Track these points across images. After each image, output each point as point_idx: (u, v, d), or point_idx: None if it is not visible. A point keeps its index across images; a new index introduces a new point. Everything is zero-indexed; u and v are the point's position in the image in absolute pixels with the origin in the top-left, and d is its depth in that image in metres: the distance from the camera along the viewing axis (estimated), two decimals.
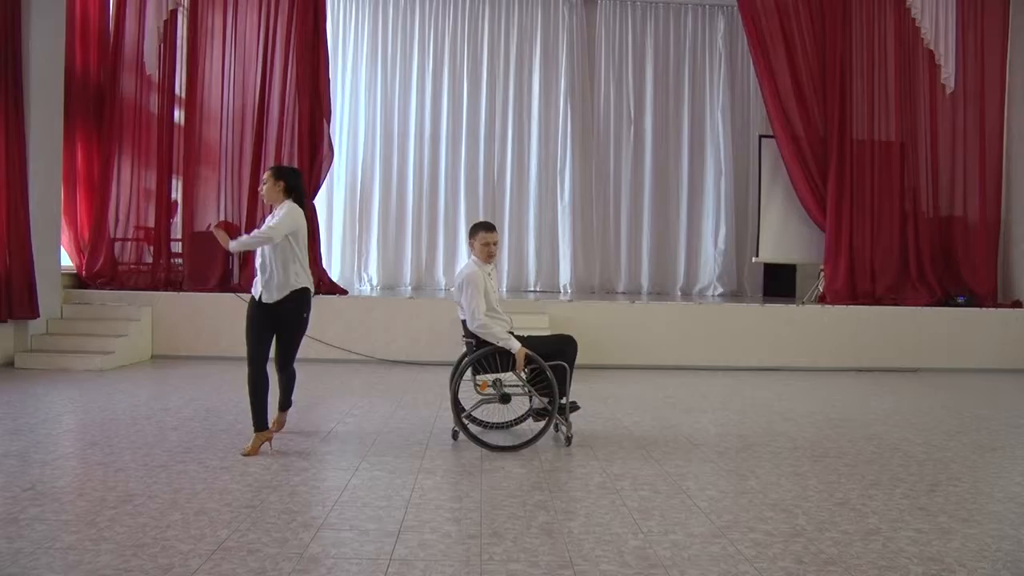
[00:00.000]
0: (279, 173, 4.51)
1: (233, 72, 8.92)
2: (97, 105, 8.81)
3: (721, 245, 10.93)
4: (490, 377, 4.55)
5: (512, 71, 10.98)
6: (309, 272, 4.54)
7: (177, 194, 8.94)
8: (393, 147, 10.91)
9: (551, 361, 4.50)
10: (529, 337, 4.67)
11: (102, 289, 8.44)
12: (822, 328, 8.59)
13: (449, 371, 4.94)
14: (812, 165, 9.26)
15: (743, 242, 10.99)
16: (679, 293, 10.93)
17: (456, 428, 4.56)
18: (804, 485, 3.98)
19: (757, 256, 9.98)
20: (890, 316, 8.70)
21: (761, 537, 3.19)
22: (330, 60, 9.26)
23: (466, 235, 4.92)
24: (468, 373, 4.54)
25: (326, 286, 8.65)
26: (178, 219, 8.95)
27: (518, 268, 10.87)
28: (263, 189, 4.51)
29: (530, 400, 4.72)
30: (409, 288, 10.64)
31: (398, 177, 10.91)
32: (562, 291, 10.75)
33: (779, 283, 10.79)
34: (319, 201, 9.40)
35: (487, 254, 4.63)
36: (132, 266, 8.80)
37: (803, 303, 9.08)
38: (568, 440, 4.64)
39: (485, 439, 4.57)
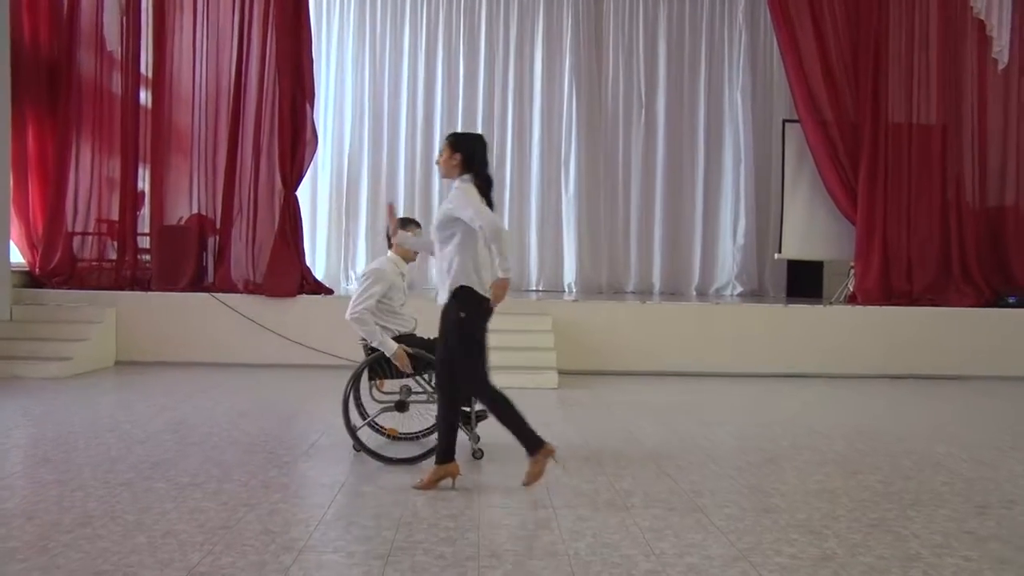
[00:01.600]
0: (457, 142, 4.06)
1: (205, 49, 8.88)
2: (51, 84, 8.74)
3: (740, 240, 10.92)
4: (396, 383, 4.63)
5: (512, 49, 10.98)
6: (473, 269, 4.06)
7: (144, 184, 8.91)
8: (383, 132, 10.90)
9: None
10: (434, 339, 4.61)
11: (59, 288, 8.42)
12: (852, 331, 8.57)
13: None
14: (842, 152, 9.23)
15: (764, 237, 10.98)
16: (694, 293, 10.93)
17: (353, 441, 4.57)
18: (834, 504, 3.96)
19: (780, 252, 9.97)
20: (930, 318, 8.66)
21: (786, 561, 3.17)
22: (313, 36, 9.21)
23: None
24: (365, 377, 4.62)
25: (310, 285, 8.64)
26: (145, 211, 8.92)
27: (519, 266, 10.86)
28: (439, 161, 4.13)
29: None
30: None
31: (388, 165, 10.90)
32: (567, 291, 10.75)
33: (804, 282, 10.77)
34: (302, 192, 9.37)
35: (413, 252, 4.78)
36: (93, 263, 8.78)
37: (831, 304, 9.06)
38: (477, 453, 4.62)
39: (386, 452, 4.56)
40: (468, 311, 3.96)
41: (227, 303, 8.32)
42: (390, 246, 4.83)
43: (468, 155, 4.04)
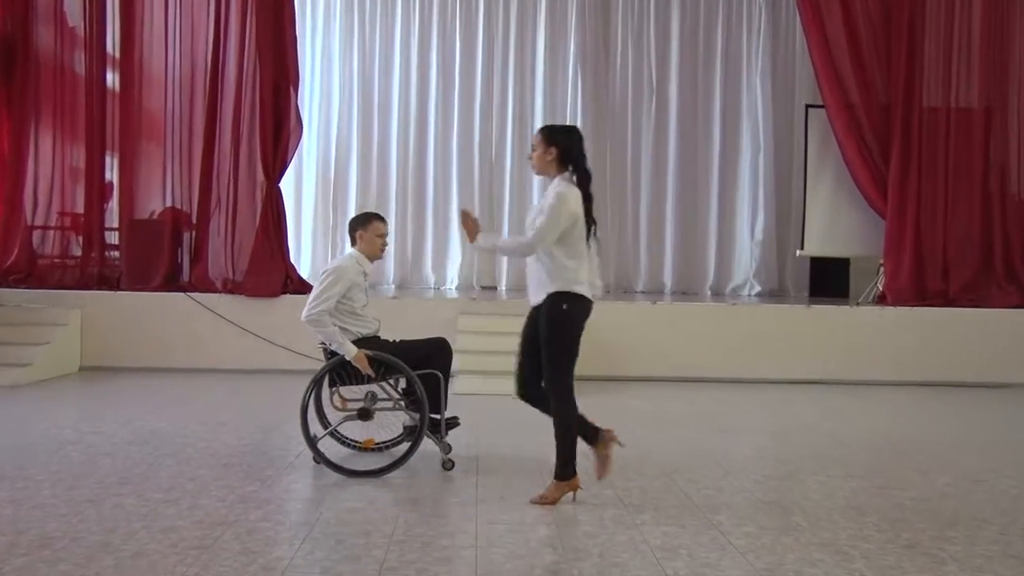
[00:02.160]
0: (551, 136, 4.13)
1: (179, 27, 8.83)
2: (5, 63, 8.67)
3: (759, 235, 10.90)
4: (359, 389, 4.66)
5: (513, 31, 10.95)
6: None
7: (112, 174, 8.88)
8: (373, 120, 10.88)
9: (420, 369, 4.58)
10: (399, 342, 4.78)
11: (17, 288, 8.38)
12: (882, 334, 8.55)
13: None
14: (871, 139, 9.19)
15: (785, 232, 10.96)
16: (709, 292, 10.90)
17: (312, 453, 4.60)
18: (862, 523, 3.94)
19: (802, 249, 9.94)
20: (968, 320, 8.61)
21: None
22: (298, 14, 9.21)
23: (344, 228, 5.05)
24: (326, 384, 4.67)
25: (294, 284, 8.63)
26: (113, 204, 8.90)
27: (520, 264, 10.82)
28: (531, 157, 4.18)
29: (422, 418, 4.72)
30: (392, 287, 10.62)
31: (379, 156, 10.88)
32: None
33: (828, 281, 10.74)
34: (286, 184, 9.34)
35: (379, 248, 4.81)
36: (56, 260, 8.74)
37: (858, 305, 9.05)
38: (448, 464, 4.65)
39: (349, 465, 4.59)
40: (563, 314, 4.07)
41: (204, 304, 8.30)
42: (353, 243, 4.85)
43: (565, 149, 4.11)
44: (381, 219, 4.88)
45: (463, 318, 8.21)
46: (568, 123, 10.68)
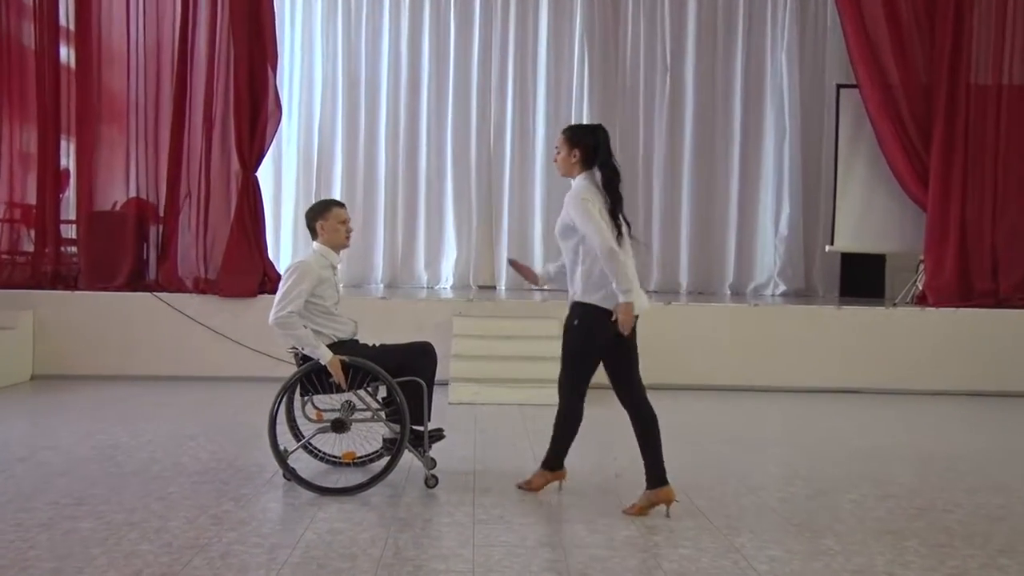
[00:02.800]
0: (574, 136, 4.42)
1: None
2: None
3: (784, 230, 10.90)
4: (334, 399, 4.66)
5: (513, 3, 10.95)
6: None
7: (68, 161, 8.86)
8: (359, 103, 10.87)
9: (401, 376, 4.58)
10: (380, 346, 4.80)
11: None
12: (922, 338, 8.55)
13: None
14: (909, 121, 9.16)
15: (813, 226, 10.96)
16: (728, 292, 10.92)
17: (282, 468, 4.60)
18: (901, 548, 3.93)
19: (832, 244, 9.94)
20: (1019, 323, 8.57)
21: None
22: None
23: (303, 220, 5.12)
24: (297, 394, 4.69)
25: (272, 283, 8.60)
26: (70, 194, 8.88)
27: (521, 259, 10.77)
28: (556, 160, 4.49)
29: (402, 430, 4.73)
30: (381, 286, 10.63)
31: (366, 142, 10.87)
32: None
33: (862, 280, 10.74)
34: (264, 172, 9.34)
35: (344, 236, 4.82)
36: (4, 256, 8.72)
37: (895, 306, 9.04)
38: (431, 481, 4.65)
39: (322, 482, 4.61)
40: (584, 325, 4.37)
41: (173, 305, 8.30)
42: (314, 235, 4.84)
43: (589, 149, 4.37)
44: (340, 204, 4.94)
45: (458, 320, 8.19)
46: (582, 112, 10.78)
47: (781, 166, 10.97)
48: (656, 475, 4.33)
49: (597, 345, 4.42)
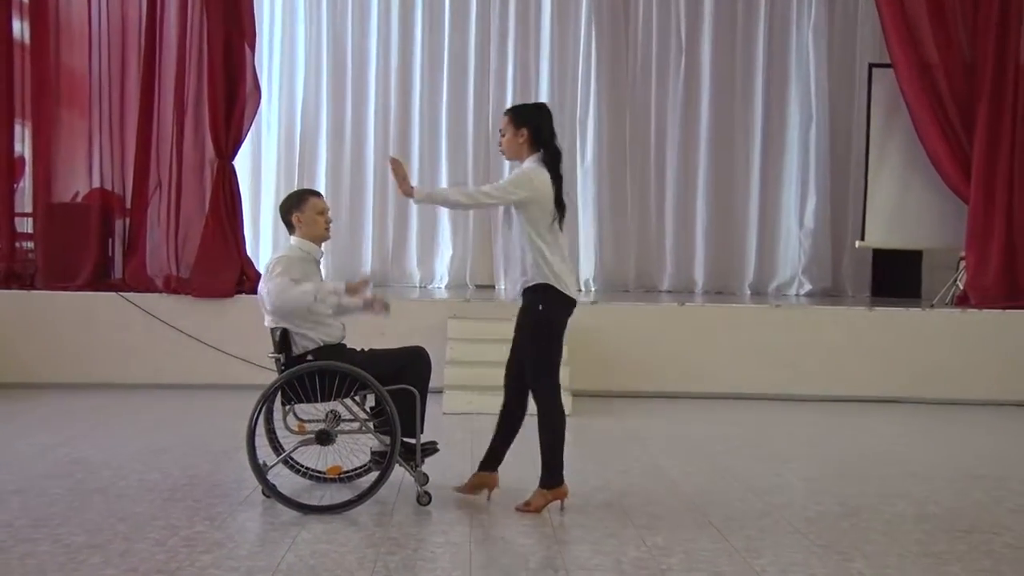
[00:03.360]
0: (518, 116, 4.63)
1: None
2: None
3: (809, 223, 10.88)
4: (318, 408, 4.68)
5: None
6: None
7: (23, 147, 8.83)
8: (346, 85, 10.85)
9: (392, 384, 4.58)
10: (369, 351, 4.84)
11: None
12: (962, 342, 8.53)
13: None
14: (950, 105, 9.12)
15: (841, 219, 10.94)
16: (748, 292, 10.89)
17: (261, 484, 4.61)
18: (941, 572, 3.92)
19: (863, 239, 9.91)
20: None
21: None
22: None
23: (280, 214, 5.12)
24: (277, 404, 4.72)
25: (251, 282, 8.59)
26: (26, 184, 8.86)
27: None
28: (501, 142, 4.66)
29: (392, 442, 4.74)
30: (370, 285, 10.58)
31: (353, 127, 10.85)
32: (583, 290, 10.71)
33: (895, 278, 10.74)
34: (242, 161, 9.34)
35: (324, 228, 4.87)
36: None
37: (933, 307, 9.02)
38: (424, 498, 4.66)
39: (305, 499, 4.62)
40: (541, 315, 4.56)
41: (141, 306, 8.28)
42: (291, 229, 4.87)
43: (535, 129, 4.58)
44: (317, 194, 4.99)
45: (454, 323, 8.18)
46: (588, 96, 10.77)
47: (807, 154, 10.94)
48: (548, 474, 4.58)
49: (562, 323, 4.64)
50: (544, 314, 4.56)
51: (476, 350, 7.75)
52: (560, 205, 4.56)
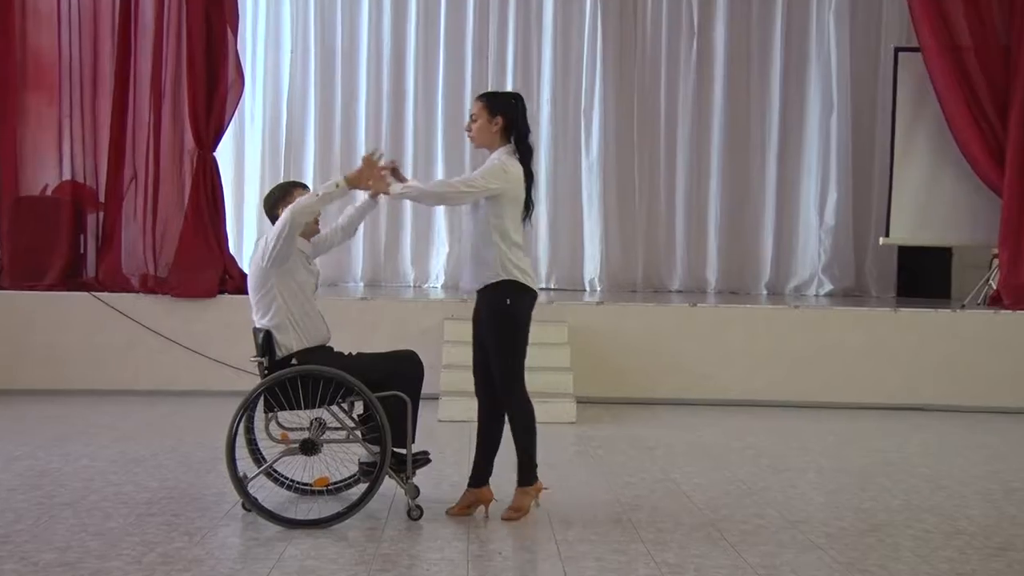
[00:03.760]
0: (493, 103, 4.72)
1: None
2: None
3: (830, 219, 10.87)
4: (302, 417, 4.69)
5: None
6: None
7: None
8: (335, 72, 10.83)
9: (382, 390, 4.60)
10: (357, 355, 4.86)
11: None
12: (995, 346, 8.51)
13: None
14: (983, 91, 9.10)
15: (864, 214, 10.94)
16: (764, 292, 10.90)
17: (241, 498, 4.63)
18: None
19: (888, 235, 9.91)
20: None
21: None
22: None
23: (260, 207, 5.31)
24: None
25: (234, 281, 8.60)
26: None
27: (526, 253, 10.79)
28: (470, 128, 4.76)
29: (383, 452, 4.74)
30: (360, 284, 10.63)
31: (343, 116, 10.85)
32: (588, 289, 10.72)
33: (923, 277, 10.75)
34: (223, 152, 9.34)
35: (314, 222, 4.90)
36: None
37: (963, 307, 9.02)
38: (415, 512, 4.68)
39: (288, 513, 4.63)
40: (508, 310, 4.67)
41: (116, 307, 8.29)
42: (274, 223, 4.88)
43: (510, 120, 4.68)
44: (303, 186, 5.07)
45: (451, 325, 8.18)
46: (594, 83, 10.75)
47: (827, 144, 10.93)
48: (527, 473, 4.75)
49: (527, 316, 4.76)
50: (511, 308, 4.66)
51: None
52: (529, 202, 4.75)
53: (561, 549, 4.28)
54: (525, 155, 4.72)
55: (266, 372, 4.69)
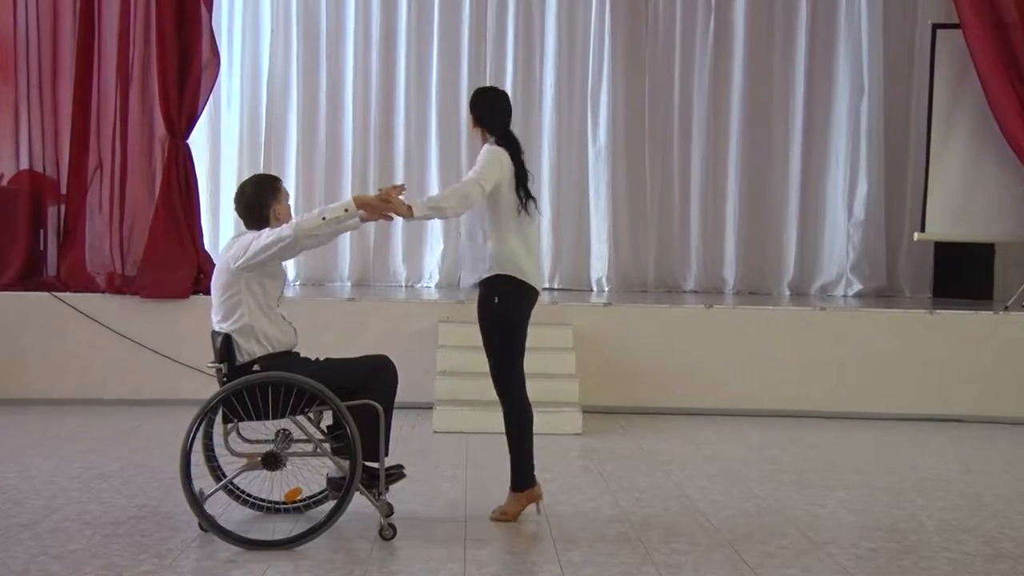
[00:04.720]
0: (470, 106, 5.23)
1: None
2: None
3: (859, 213, 10.89)
4: (266, 428, 4.71)
5: None
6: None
7: None
8: (320, 53, 10.85)
9: (352, 400, 4.61)
10: (324, 361, 4.87)
11: None
12: None
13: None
14: None
15: (898, 208, 10.96)
16: (787, 292, 10.91)
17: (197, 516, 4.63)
18: None
19: (923, 231, 9.91)
20: None
21: None
22: None
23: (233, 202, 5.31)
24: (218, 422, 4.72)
25: (209, 281, 8.51)
26: None
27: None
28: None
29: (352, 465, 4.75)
30: (347, 284, 10.65)
31: (328, 102, 10.86)
32: (595, 289, 10.74)
33: (961, 276, 10.73)
34: (197, 140, 9.38)
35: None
36: None
37: (1007, 309, 9.02)
38: (387, 532, 4.68)
39: (250, 532, 4.65)
40: (498, 309, 4.91)
41: (79, 308, 8.30)
42: (266, 222, 4.91)
43: (479, 116, 5.14)
44: (280, 179, 5.22)
45: (445, 328, 8.20)
46: (601, 65, 10.77)
47: (857, 132, 10.94)
48: (519, 478, 4.97)
49: (523, 314, 4.99)
50: (501, 307, 4.91)
51: (471, 359, 7.68)
52: (525, 191, 5.01)
53: (565, 572, 4.28)
54: (511, 145, 5.07)
55: (225, 379, 4.68)
